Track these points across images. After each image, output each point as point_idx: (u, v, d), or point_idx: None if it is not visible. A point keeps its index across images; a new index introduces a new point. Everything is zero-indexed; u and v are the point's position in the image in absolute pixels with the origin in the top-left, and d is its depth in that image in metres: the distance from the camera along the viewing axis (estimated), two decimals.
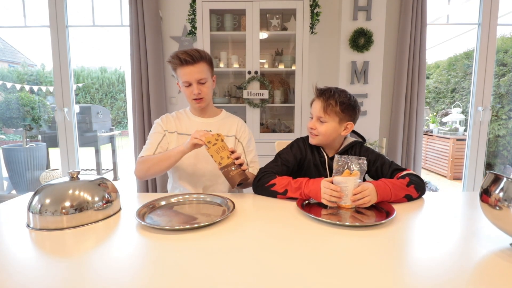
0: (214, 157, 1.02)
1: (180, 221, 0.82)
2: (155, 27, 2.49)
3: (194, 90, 1.16)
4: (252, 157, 1.29)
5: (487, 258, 0.61)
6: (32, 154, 3.54)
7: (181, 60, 1.12)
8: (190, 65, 1.13)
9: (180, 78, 1.17)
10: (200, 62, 1.15)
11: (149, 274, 0.55)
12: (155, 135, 1.23)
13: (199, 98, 1.18)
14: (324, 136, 1.10)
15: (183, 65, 1.13)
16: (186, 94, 1.20)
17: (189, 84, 1.17)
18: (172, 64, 1.16)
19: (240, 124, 1.32)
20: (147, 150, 1.20)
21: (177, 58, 1.13)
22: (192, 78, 1.15)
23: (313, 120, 1.12)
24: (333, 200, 0.90)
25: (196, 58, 1.13)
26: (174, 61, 1.14)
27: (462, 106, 4.48)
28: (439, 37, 5.72)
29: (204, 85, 1.18)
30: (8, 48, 8.41)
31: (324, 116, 1.08)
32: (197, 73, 1.15)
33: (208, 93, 1.21)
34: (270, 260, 0.61)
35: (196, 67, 1.14)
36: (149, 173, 1.15)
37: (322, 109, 1.07)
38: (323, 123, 1.09)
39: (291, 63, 2.43)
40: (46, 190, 0.80)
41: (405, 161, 2.69)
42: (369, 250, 0.65)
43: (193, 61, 1.13)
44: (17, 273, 0.56)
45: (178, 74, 1.17)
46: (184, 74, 1.15)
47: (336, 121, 1.09)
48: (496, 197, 0.63)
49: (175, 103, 2.72)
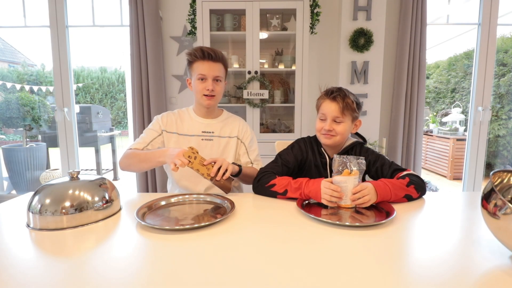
0: (200, 171, 1.00)
1: (180, 221, 0.82)
2: (155, 27, 2.49)
3: (208, 86, 1.17)
4: (256, 156, 1.30)
5: (487, 258, 0.61)
6: (32, 154, 3.54)
7: (204, 53, 1.15)
8: (212, 60, 1.16)
9: (196, 71, 1.18)
10: (220, 62, 1.19)
11: (149, 274, 0.55)
12: (150, 131, 1.23)
13: (211, 95, 1.19)
14: (342, 135, 1.11)
15: (204, 59, 1.16)
16: (198, 88, 1.19)
17: (204, 79, 1.17)
18: (191, 56, 1.17)
19: (242, 125, 1.32)
20: (137, 144, 1.20)
21: (200, 51, 1.15)
22: (210, 73, 1.17)
23: (328, 122, 1.09)
24: (333, 200, 0.90)
25: (218, 56, 1.18)
26: (197, 53, 1.16)
27: (462, 106, 4.48)
28: (439, 37, 5.73)
29: (219, 84, 1.20)
30: (8, 48, 8.41)
31: (342, 117, 1.08)
32: (215, 70, 1.17)
33: (220, 93, 1.22)
34: (270, 260, 0.61)
35: (215, 65, 1.17)
36: (129, 169, 1.18)
37: (339, 109, 1.07)
38: (340, 123, 1.09)
39: (291, 63, 2.43)
40: (46, 190, 0.80)
41: (405, 161, 2.69)
42: (369, 250, 0.65)
43: (215, 58, 1.16)
44: (17, 273, 0.56)
45: (195, 67, 1.18)
46: (202, 68, 1.16)
47: (350, 120, 1.11)
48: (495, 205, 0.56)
49: (175, 103, 2.72)
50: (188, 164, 0.98)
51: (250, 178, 1.17)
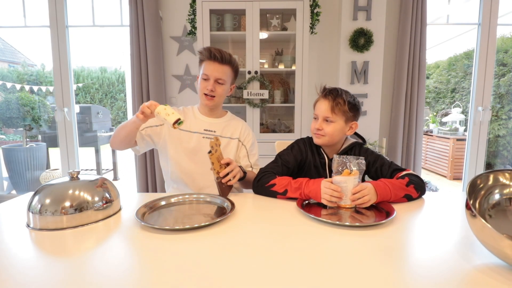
0: (214, 165, 1.02)
1: (180, 221, 0.82)
2: (155, 27, 2.49)
3: (208, 86, 1.18)
4: (255, 160, 1.32)
5: (487, 258, 0.61)
6: (32, 154, 3.54)
7: (210, 54, 1.17)
8: (217, 62, 1.17)
9: (202, 70, 1.21)
10: (226, 65, 1.19)
11: (149, 274, 0.55)
12: (152, 119, 1.21)
13: (210, 95, 1.20)
14: (331, 136, 1.10)
15: (210, 60, 1.18)
16: (201, 87, 1.22)
17: (207, 79, 1.19)
18: (201, 55, 1.20)
19: (244, 128, 1.33)
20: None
21: (207, 51, 1.17)
22: (213, 74, 1.18)
23: (319, 121, 1.11)
24: (333, 200, 0.90)
25: (225, 59, 1.18)
26: (204, 53, 1.18)
27: (462, 106, 4.48)
28: (439, 37, 5.73)
29: (220, 86, 1.21)
30: (8, 48, 8.41)
31: (332, 116, 1.08)
32: (219, 72, 1.18)
33: (221, 95, 1.23)
34: (270, 260, 0.61)
35: (221, 67, 1.18)
36: (114, 141, 1.16)
37: (330, 108, 1.07)
38: (330, 123, 1.09)
39: (291, 63, 2.43)
40: (46, 190, 0.80)
41: (405, 161, 2.69)
42: (369, 250, 0.65)
43: (220, 60, 1.17)
44: (17, 273, 0.56)
45: (202, 66, 1.21)
46: (207, 68, 1.19)
47: (343, 120, 1.09)
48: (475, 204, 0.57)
49: (175, 103, 2.72)
50: (209, 154, 1.00)
51: (250, 183, 1.18)
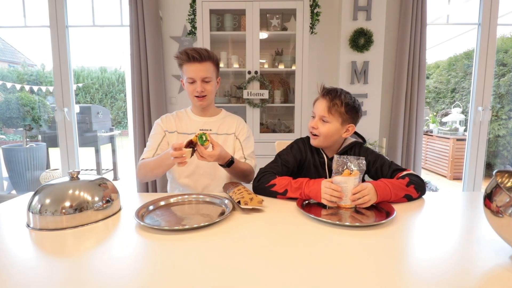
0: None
1: (180, 222, 0.82)
2: (155, 27, 2.49)
3: (197, 88, 1.17)
4: (250, 153, 1.29)
5: (487, 258, 0.61)
6: (32, 154, 3.54)
7: (188, 56, 1.14)
8: (197, 62, 1.15)
9: (185, 74, 1.18)
10: (207, 61, 1.17)
11: (148, 274, 0.55)
12: (155, 136, 1.24)
13: (201, 96, 1.20)
14: (325, 137, 1.10)
15: (190, 62, 1.15)
16: (189, 91, 1.21)
17: (193, 81, 1.18)
18: (179, 59, 1.18)
19: (239, 123, 1.33)
20: (146, 153, 1.21)
21: (185, 54, 1.15)
22: (197, 75, 1.16)
23: (315, 120, 1.11)
24: (333, 200, 0.90)
25: (204, 56, 1.16)
26: (182, 57, 1.16)
27: (462, 106, 4.48)
28: (439, 37, 5.73)
29: (208, 84, 1.20)
30: (8, 48, 8.41)
31: (328, 116, 1.07)
32: (202, 71, 1.17)
33: (211, 91, 1.22)
34: (270, 260, 0.61)
35: (202, 65, 1.16)
36: (147, 177, 1.18)
37: (326, 108, 1.07)
38: (326, 123, 1.08)
39: (291, 63, 2.43)
40: (46, 190, 0.80)
41: (405, 161, 2.69)
42: (369, 250, 0.65)
43: (200, 59, 1.15)
44: (17, 273, 0.56)
45: (184, 70, 1.18)
46: (189, 71, 1.16)
47: (339, 122, 1.08)
48: (499, 203, 0.57)
49: (175, 103, 2.72)
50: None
51: (242, 171, 1.17)
